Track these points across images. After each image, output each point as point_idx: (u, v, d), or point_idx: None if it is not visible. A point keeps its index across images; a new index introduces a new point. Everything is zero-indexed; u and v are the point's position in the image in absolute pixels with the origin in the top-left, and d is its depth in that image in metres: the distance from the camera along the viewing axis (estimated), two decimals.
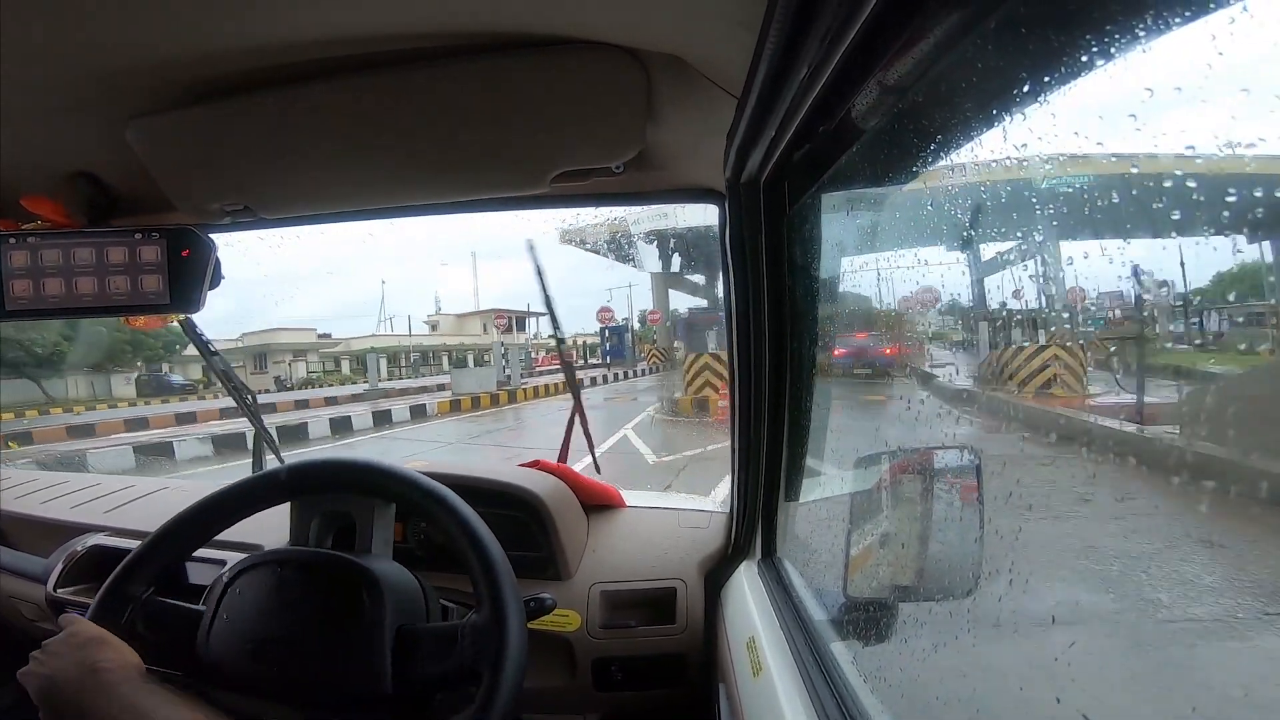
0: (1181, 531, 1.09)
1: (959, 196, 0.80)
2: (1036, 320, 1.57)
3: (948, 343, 1.83)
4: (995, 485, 0.81)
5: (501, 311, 30.95)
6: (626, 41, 0.70)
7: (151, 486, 1.69)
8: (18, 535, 1.60)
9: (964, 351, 1.80)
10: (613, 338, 31.05)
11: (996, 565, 0.78)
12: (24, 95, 0.75)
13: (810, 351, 1.02)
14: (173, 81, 0.76)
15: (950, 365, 1.77)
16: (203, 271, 0.94)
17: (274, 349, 32.76)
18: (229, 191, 0.94)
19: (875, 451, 1.06)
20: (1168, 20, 0.34)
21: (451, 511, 0.84)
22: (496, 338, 34.11)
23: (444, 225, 56.06)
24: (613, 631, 1.14)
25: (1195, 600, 1.19)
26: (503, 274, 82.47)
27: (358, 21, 0.66)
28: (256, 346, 32.27)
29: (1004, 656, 0.80)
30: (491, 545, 0.82)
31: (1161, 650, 1.18)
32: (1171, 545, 1.20)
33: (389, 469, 0.89)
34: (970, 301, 1.39)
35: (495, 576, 0.79)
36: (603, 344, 31.12)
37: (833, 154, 0.76)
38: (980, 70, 0.53)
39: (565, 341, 1.53)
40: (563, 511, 1.23)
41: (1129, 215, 0.61)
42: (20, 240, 0.91)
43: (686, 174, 1.04)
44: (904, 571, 0.92)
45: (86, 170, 0.97)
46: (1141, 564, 1.29)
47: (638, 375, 25.17)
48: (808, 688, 0.74)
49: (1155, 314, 0.87)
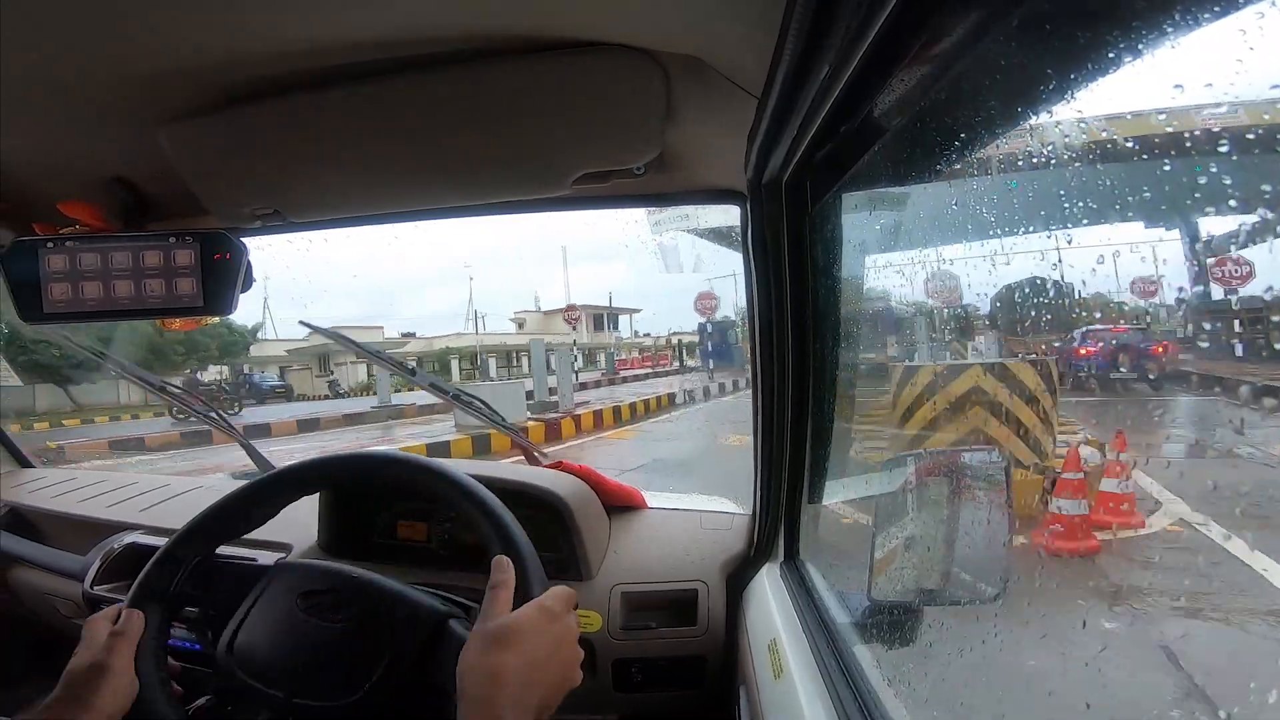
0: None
1: (984, 194, 0.79)
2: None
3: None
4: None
5: (574, 306, 26.24)
6: (645, 43, 0.70)
7: (186, 486, 1.73)
8: (55, 533, 1.63)
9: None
10: (714, 335, 24.20)
11: (1025, 567, 0.77)
12: (60, 102, 0.77)
13: (834, 352, 1.01)
14: (203, 86, 0.77)
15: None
16: (235, 274, 0.96)
17: (335, 350, 27.50)
18: (259, 195, 0.96)
19: (901, 454, 1.05)
20: (1196, 16, 0.34)
21: (477, 501, 0.86)
22: (559, 337, 30.32)
23: (536, 223, 55.32)
24: (633, 632, 1.14)
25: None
26: (604, 272, 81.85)
27: (383, 25, 0.68)
28: (319, 347, 28.53)
29: (1032, 661, 0.79)
30: (517, 532, 0.83)
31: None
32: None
33: (416, 461, 0.92)
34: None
35: (524, 572, 0.79)
36: (702, 343, 24.84)
37: (855, 153, 0.76)
38: (1004, 67, 0.52)
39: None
40: (585, 512, 1.24)
41: (1159, 211, 0.60)
42: (59, 245, 0.93)
43: (707, 175, 1.04)
44: (930, 575, 0.91)
45: (122, 175, 0.99)
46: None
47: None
48: (829, 690, 0.73)
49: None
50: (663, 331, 40.47)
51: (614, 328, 42.53)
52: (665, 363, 32.57)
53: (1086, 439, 3.61)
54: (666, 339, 38.83)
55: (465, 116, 0.81)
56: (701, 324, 22.69)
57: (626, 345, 40.18)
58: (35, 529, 1.65)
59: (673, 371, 28.15)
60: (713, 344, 23.27)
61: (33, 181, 0.98)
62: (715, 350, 23.22)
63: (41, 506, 1.67)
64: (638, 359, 34.52)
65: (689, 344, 31.87)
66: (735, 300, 26.27)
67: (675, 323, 29.12)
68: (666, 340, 38.75)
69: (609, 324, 42.23)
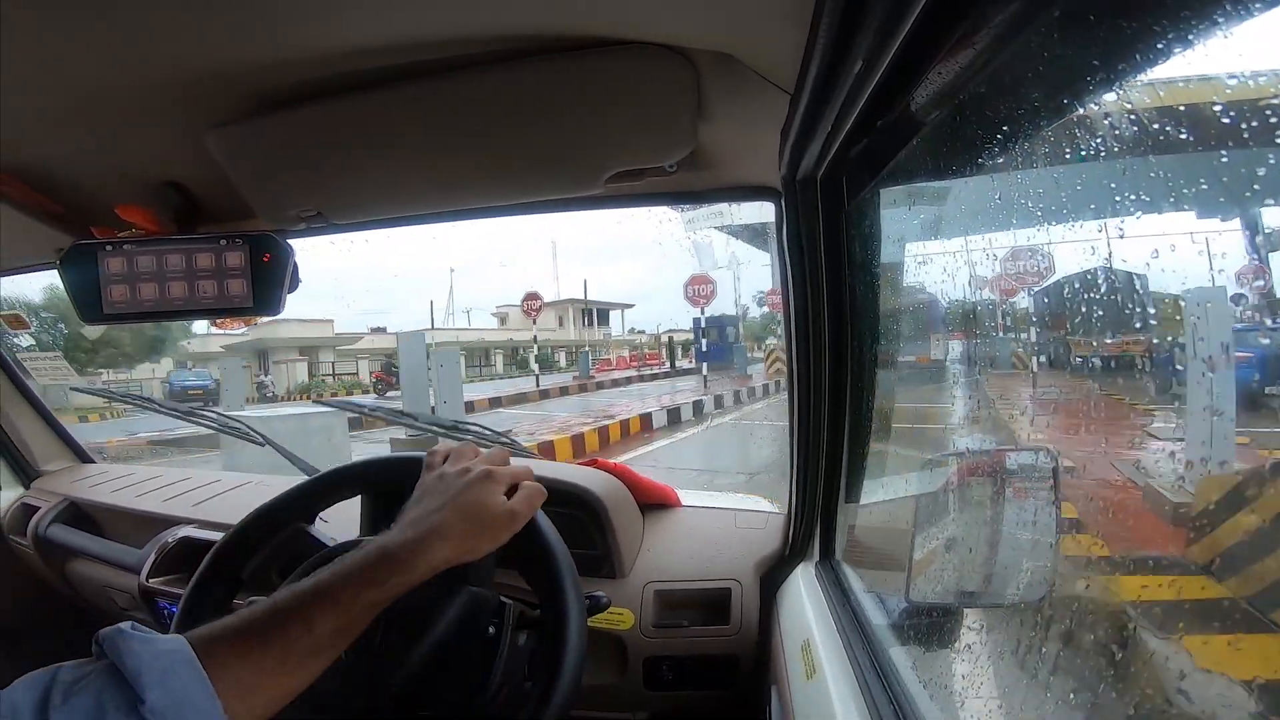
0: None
1: (1029, 187, 0.76)
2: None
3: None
4: None
5: (535, 295, 20.67)
6: (676, 41, 0.70)
7: (236, 481, 1.78)
8: (113, 527, 1.69)
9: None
10: (711, 332, 20.27)
11: (1073, 568, 0.74)
12: (113, 109, 0.81)
13: (872, 349, 0.99)
14: (248, 91, 0.80)
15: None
16: (283, 275, 0.99)
17: (278, 346, 26.28)
18: (303, 197, 0.99)
19: (942, 453, 1.02)
20: (1248, 3, 0.32)
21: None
22: (531, 331, 26.33)
23: (535, 221, 54.00)
24: (665, 630, 1.14)
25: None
26: (606, 269, 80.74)
27: (419, 28, 0.69)
28: (261, 342, 25.95)
29: (1077, 663, 0.76)
30: (554, 539, 0.83)
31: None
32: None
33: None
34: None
35: (557, 571, 0.80)
36: (696, 341, 20.53)
37: (892, 148, 0.74)
38: (1047, 57, 0.50)
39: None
40: (619, 510, 1.24)
41: (1219, 203, 0.57)
42: (117, 248, 0.97)
43: (741, 172, 1.04)
44: (971, 576, 0.89)
45: (173, 179, 1.03)
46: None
47: (760, 396, 14.70)
48: (863, 691, 0.72)
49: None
50: (659, 328, 37.05)
51: (603, 324, 39.46)
52: (655, 362, 28.73)
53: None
54: (656, 336, 35.52)
55: (500, 117, 0.82)
56: (696, 319, 19.06)
57: (614, 344, 36.25)
58: (94, 523, 1.72)
59: (661, 375, 24.47)
60: (709, 342, 19.74)
61: (90, 187, 1.02)
62: (711, 350, 19.71)
63: (100, 501, 1.73)
64: (624, 359, 30.59)
65: (684, 342, 28.64)
66: (736, 293, 23.32)
67: (675, 319, 25.86)
68: (656, 338, 35.37)
69: (596, 319, 39.49)
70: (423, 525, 0.70)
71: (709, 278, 17.23)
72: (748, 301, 23.26)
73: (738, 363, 19.85)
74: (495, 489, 0.74)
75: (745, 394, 14.93)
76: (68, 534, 1.65)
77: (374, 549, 0.67)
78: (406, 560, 0.67)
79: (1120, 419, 0.75)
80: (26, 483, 1.89)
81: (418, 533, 0.69)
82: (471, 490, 0.73)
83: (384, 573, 0.66)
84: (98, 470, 1.94)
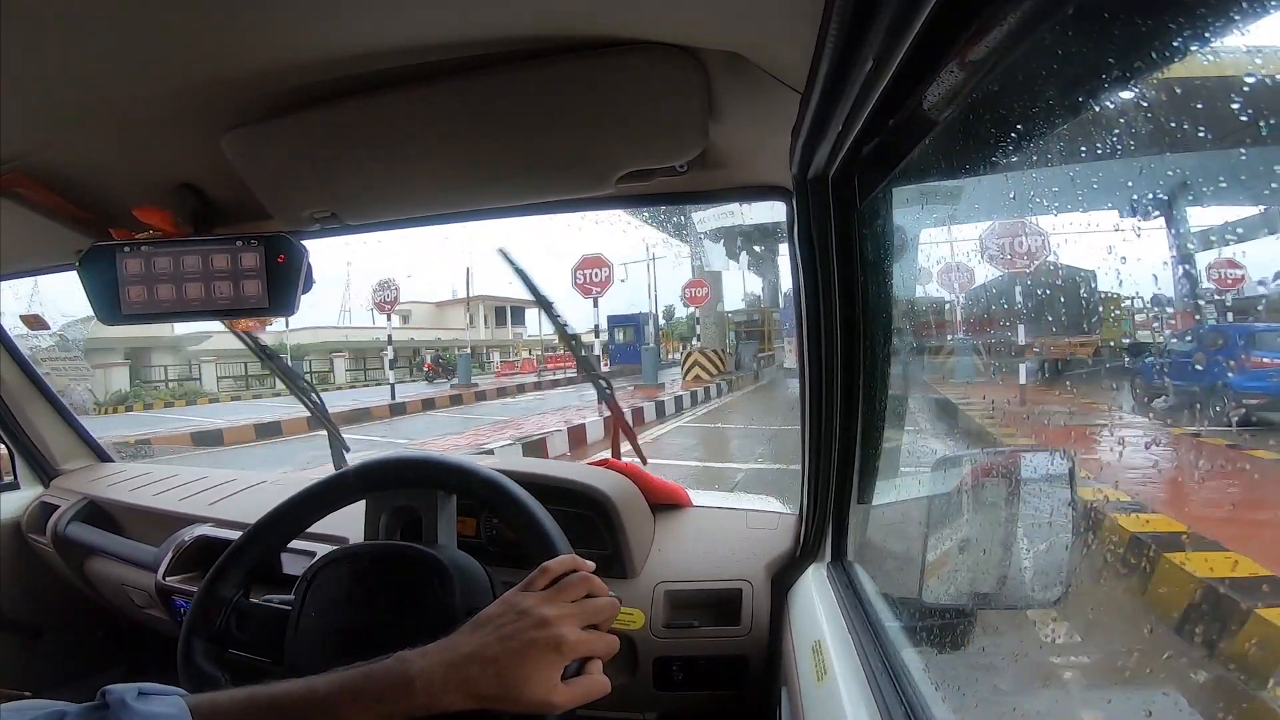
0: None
1: (1043, 185, 0.76)
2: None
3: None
4: None
5: (386, 283, 16.63)
6: (686, 41, 0.70)
7: (251, 480, 1.80)
8: (131, 525, 1.71)
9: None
10: (623, 330, 18.57)
11: (1088, 570, 0.74)
12: (130, 113, 0.82)
13: (884, 348, 0.99)
14: (261, 94, 0.81)
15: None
16: (297, 276, 1.00)
17: (100, 347, 20.58)
18: (317, 199, 1.00)
19: (956, 454, 1.02)
20: (1265, 3, 0.32)
21: (507, 496, 0.87)
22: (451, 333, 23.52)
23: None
24: (676, 631, 1.14)
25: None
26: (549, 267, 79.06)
27: (430, 31, 0.70)
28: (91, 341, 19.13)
29: (1091, 665, 0.76)
30: (549, 524, 0.84)
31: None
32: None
33: (447, 461, 0.93)
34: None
35: (553, 550, 0.82)
36: (611, 342, 17.70)
37: (904, 146, 0.74)
38: (1060, 55, 0.50)
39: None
40: (630, 510, 1.24)
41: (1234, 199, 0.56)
42: (134, 249, 0.98)
43: (752, 171, 1.03)
44: (985, 578, 0.89)
45: (189, 181, 1.04)
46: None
47: (670, 413, 11.66)
48: (874, 693, 0.72)
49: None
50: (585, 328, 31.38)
51: (518, 323, 35.52)
52: (552, 367, 24.15)
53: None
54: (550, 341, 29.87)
55: (511, 118, 0.83)
56: (610, 318, 16.65)
57: (523, 344, 31.32)
58: (112, 521, 1.74)
59: (562, 381, 20.25)
60: (615, 345, 17.29)
61: (108, 189, 1.04)
62: (619, 351, 17.39)
63: (118, 499, 1.75)
64: (531, 362, 25.91)
65: (589, 344, 22.34)
66: (652, 291, 19.87)
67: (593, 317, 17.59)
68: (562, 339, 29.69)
69: (511, 318, 35.32)
70: (457, 668, 0.62)
71: (605, 260, 14.30)
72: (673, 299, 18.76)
73: (646, 368, 15.80)
74: (554, 662, 0.64)
75: (652, 410, 11.44)
76: (86, 532, 1.67)
77: (396, 671, 0.62)
78: (423, 694, 0.61)
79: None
80: (46, 481, 1.91)
81: (446, 674, 0.62)
82: (528, 655, 0.63)
83: (396, 699, 0.60)
84: (116, 469, 1.96)
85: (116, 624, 1.77)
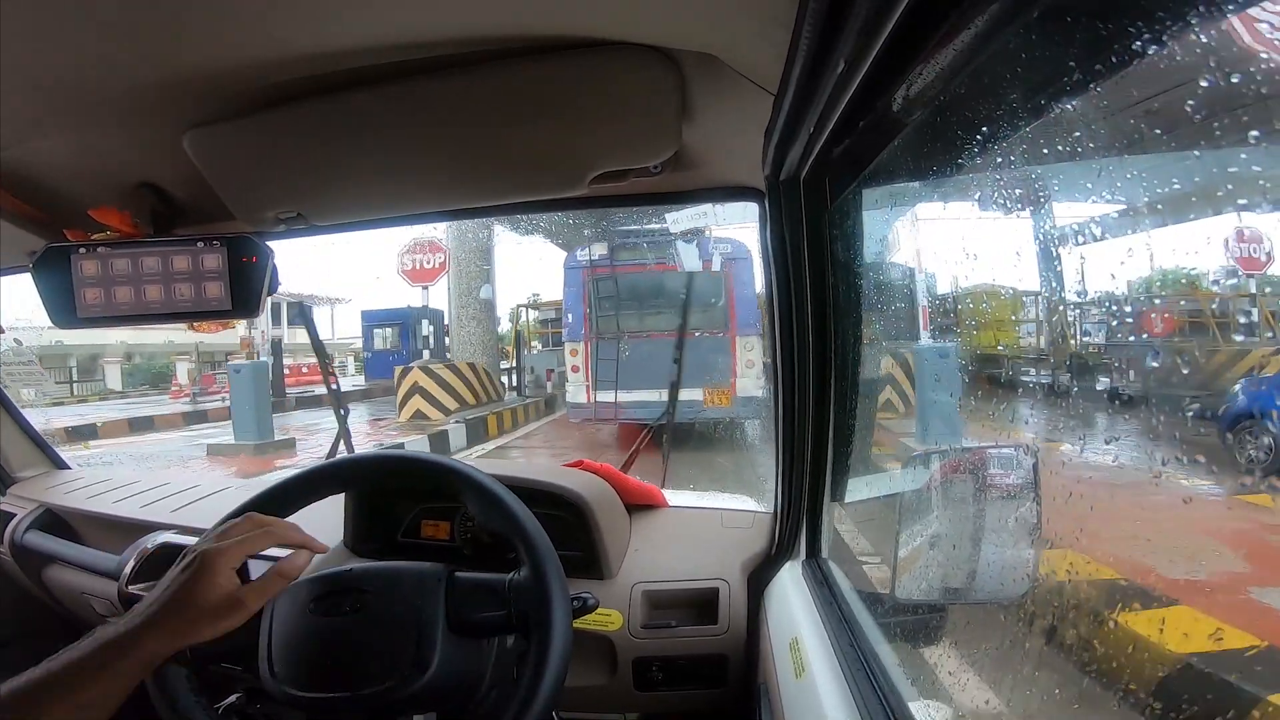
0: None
1: (1007, 188, 0.77)
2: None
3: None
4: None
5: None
6: (660, 41, 0.70)
7: (215, 486, 1.75)
8: (90, 533, 1.66)
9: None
10: (386, 334, 14.81)
11: (1054, 565, 0.75)
12: (87, 109, 0.80)
13: (855, 349, 1.00)
14: (226, 92, 0.79)
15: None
16: (262, 277, 0.98)
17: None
18: (282, 199, 0.98)
19: (925, 450, 1.03)
20: (1222, 7, 0.33)
21: (469, 481, 0.88)
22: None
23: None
24: (654, 631, 1.14)
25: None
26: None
27: (400, 30, 0.69)
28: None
29: (1060, 658, 0.77)
30: (515, 504, 0.85)
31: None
32: None
33: (425, 459, 0.93)
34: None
35: (526, 532, 0.83)
36: (367, 345, 15.21)
37: (874, 148, 0.75)
38: (1025, 59, 0.51)
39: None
40: (606, 511, 1.24)
41: (1192, 204, 0.58)
42: (90, 250, 0.95)
43: (725, 172, 1.04)
44: (955, 573, 0.90)
45: (149, 181, 1.01)
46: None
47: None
48: (851, 689, 0.73)
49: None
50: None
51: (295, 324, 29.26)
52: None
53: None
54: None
55: (482, 117, 0.82)
56: (366, 314, 13.87)
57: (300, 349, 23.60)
58: (71, 529, 1.69)
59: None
60: (374, 353, 14.41)
61: (63, 188, 1.00)
62: (375, 362, 14.10)
63: (77, 507, 1.69)
64: (305, 372, 18.61)
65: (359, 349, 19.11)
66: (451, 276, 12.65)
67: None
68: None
69: (286, 319, 28.59)
70: (139, 616, 0.70)
71: (440, 246, 11.27)
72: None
73: (241, 415, 9.66)
74: (211, 578, 0.71)
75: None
76: (44, 540, 1.62)
77: (95, 638, 0.69)
78: (122, 649, 0.68)
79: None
80: (1, 490, 1.85)
81: (131, 625, 0.69)
82: (184, 582, 0.71)
83: (107, 658, 0.67)
84: (73, 476, 1.91)
85: (79, 633, 1.72)
